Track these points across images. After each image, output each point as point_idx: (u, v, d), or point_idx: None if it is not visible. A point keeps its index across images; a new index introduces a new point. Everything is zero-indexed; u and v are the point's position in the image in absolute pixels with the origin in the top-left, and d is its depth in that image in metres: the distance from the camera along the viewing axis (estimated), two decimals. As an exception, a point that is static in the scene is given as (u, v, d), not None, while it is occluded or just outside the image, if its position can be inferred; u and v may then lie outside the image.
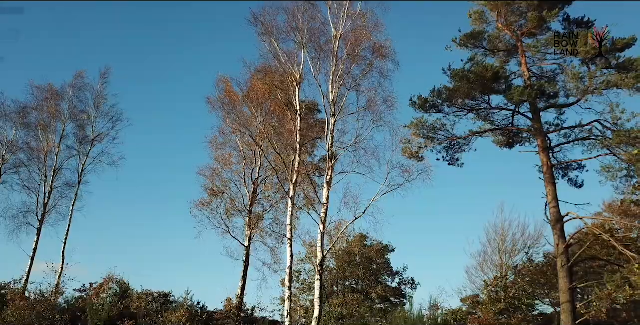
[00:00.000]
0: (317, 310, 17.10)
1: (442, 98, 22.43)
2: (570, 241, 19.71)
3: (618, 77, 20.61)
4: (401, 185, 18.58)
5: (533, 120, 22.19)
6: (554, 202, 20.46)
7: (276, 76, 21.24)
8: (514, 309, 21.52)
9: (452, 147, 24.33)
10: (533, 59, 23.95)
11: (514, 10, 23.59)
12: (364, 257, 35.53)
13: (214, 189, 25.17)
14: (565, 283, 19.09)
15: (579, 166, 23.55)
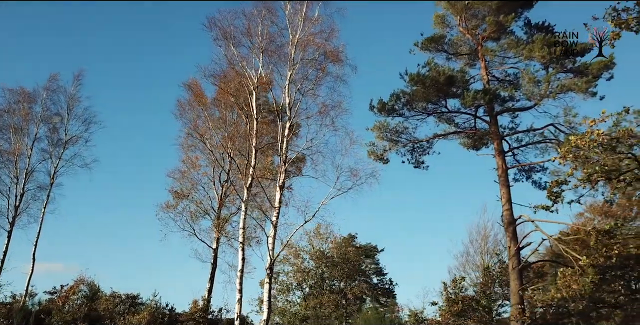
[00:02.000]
0: (265, 313, 17.34)
1: (401, 102, 22.69)
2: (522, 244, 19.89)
3: (571, 82, 20.87)
4: (350, 188, 18.73)
5: (490, 123, 22.42)
6: (507, 205, 20.68)
7: (233, 81, 21.44)
8: (472, 311, 21.69)
9: (415, 150, 24.62)
10: (494, 62, 24.23)
11: (474, 14, 23.81)
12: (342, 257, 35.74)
13: (179, 192, 25.40)
14: (515, 285, 19.29)
15: (542, 168, 23.79)
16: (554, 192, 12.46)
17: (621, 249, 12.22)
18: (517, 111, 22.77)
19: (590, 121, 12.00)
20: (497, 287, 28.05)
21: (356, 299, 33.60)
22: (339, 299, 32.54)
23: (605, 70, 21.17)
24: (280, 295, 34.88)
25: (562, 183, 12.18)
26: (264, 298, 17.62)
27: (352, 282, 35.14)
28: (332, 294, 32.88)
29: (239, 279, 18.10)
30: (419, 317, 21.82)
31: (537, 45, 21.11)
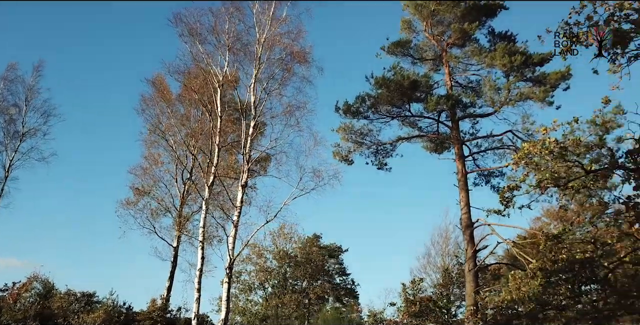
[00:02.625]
0: (223, 313, 17.27)
1: (366, 105, 22.92)
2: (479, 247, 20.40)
3: (530, 90, 21.50)
4: (313, 189, 18.86)
5: (451, 128, 22.88)
6: (466, 209, 21.16)
7: (198, 78, 21.26)
8: (429, 311, 22.09)
9: (379, 152, 24.89)
10: (457, 69, 24.75)
11: (440, 20, 24.22)
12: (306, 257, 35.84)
13: (140, 189, 25.03)
14: (470, 287, 19.77)
15: (501, 173, 24.42)
16: (506, 197, 12.85)
17: (568, 254, 12.72)
18: (478, 117, 23.31)
19: (542, 129, 12.43)
20: (455, 289, 28.70)
21: (318, 299, 33.75)
22: (301, 299, 32.65)
23: (562, 81, 21.79)
24: (242, 295, 34.75)
25: (514, 189, 12.59)
26: (223, 297, 17.55)
27: (315, 282, 35.30)
28: (295, 294, 32.97)
29: (197, 278, 17.98)
30: (378, 318, 22.10)
31: (498, 54, 21.61)
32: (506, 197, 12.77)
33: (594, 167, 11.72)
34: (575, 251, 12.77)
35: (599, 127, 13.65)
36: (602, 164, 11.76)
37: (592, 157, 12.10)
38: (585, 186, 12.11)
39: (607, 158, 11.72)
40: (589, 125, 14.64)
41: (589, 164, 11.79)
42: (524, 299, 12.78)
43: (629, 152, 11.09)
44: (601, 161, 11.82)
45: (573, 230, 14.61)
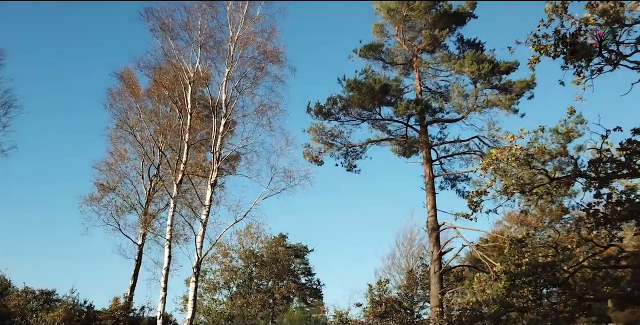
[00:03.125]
0: (190, 312, 17.10)
1: (337, 106, 23.11)
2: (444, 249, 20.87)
3: (496, 98, 22.13)
4: (284, 189, 18.87)
5: (420, 132, 23.31)
6: (432, 212, 21.59)
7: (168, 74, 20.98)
8: (394, 312, 22.41)
9: (349, 154, 25.12)
10: (427, 74, 25.23)
11: (412, 26, 24.66)
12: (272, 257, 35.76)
13: (105, 185, 24.49)
14: (435, 288, 20.22)
15: (466, 178, 25.01)
16: (474, 201, 13.21)
17: (531, 257, 13.18)
18: (446, 122, 23.79)
19: (510, 136, 12.85)
20: (419, 290, 29.27)
21: (283, 299, 33.76)
22: (266, 299, 32.58)
23: (527, 89, 22.51)
24: (207, 294, 34.40)
25: (482, 193, 12.96)
26: (190, 297, 17.36)
27: (280, 281, 35.29)
28: (260, 294, 32.86)
29: (164, 277, 17.74)
30: (344, 318, 22.27)
31: (467, 61, 22.14)
32: (474, 201, 13.13)
33: (558, 175, 12.21)
34: (538, 255, 13.26)
35: (561, 136, 14.22)
36: (565, 172, 12.26)
37: (555, 165, 12.59)
38: (549, 193, 12.59)
39: (570, 166, 12.21)
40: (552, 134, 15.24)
41: (552, 171, 12.26)
42: (488, 301, 13.18)
43: (592, 162, 11.60)
44: (564, 169, 12.33)
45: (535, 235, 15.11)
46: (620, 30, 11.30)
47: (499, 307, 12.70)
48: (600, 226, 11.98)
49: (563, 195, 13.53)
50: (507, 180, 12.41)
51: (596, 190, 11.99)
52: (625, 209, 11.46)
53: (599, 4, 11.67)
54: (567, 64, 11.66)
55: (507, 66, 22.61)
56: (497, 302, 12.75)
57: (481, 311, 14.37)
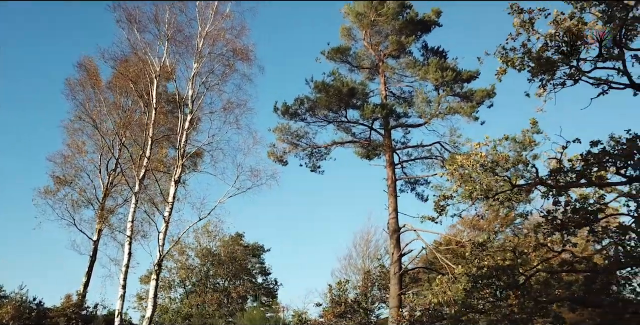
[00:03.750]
0: (149, 310, 16.82)
1: (304, 107, 23.23)
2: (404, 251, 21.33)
3: (458, 105, 22.82)
4: (249, 188, 18.85)
5: (384, 136, 23.75)
6: (394, 214, 22.05)
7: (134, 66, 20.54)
8: (353, 312, 22.78)
9: (313, 155, 25.27)
10: (392, 79, 25.74)
11: (379, 31, 25.07)
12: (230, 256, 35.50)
13: (61, 178, 23.67)
14: (395, 289, 20.66)
15: (426, 182, 25.65)
16: (441, 205, 13.65)
17: (491, 261, 13.73)
18: (410, 127, 24.34)
19: (475, 144, 13.34)
20: (375, 290, 29.75)
21: (239, 298, 33.58)
22: (222, 298, 32.29)
23: (487, 98, 23.34)
24: (161, 292, 33.84)
25: (448, 198, 13.41)
26: (150, 294, 17.07)
27: (237, 281, 35.08)
28: (216, 293, 32.56)
29: (123, 274, 17.37)
30: (303, 318, 22.43)
31: (431, 68, 22.73)
32: (441, 205, 13.56)
33: (519, 182, 12.80)
34: (497, 258, 13.82)
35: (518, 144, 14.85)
36: (526, 180, 12.85)
37: (516, 173, 13.15)
38: (510, 199, 13.16)
39: (531, 174, 12.80)
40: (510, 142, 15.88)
41: (514, 178, 12.83)
42: (449, 302, 13.64)
43: (552, 171, 12.22)
44: (525, 176, 12.91)
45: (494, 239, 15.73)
46: (581, 48, 11.95)
47: (460, 308, 13.18)
48: (557, 232, 12.63)
49: (522, 202, 14.13)
50: (470, 185, 12.88)
51: (554, 197, 12.64)
52: (580, 216, 12.14)
53: (564, 21, 12.34)
54: (533, 77, 12.22)
55: (469, 75, 23.39)
56: (458, 303, 13.23)
57: (442, 312, 14.85)
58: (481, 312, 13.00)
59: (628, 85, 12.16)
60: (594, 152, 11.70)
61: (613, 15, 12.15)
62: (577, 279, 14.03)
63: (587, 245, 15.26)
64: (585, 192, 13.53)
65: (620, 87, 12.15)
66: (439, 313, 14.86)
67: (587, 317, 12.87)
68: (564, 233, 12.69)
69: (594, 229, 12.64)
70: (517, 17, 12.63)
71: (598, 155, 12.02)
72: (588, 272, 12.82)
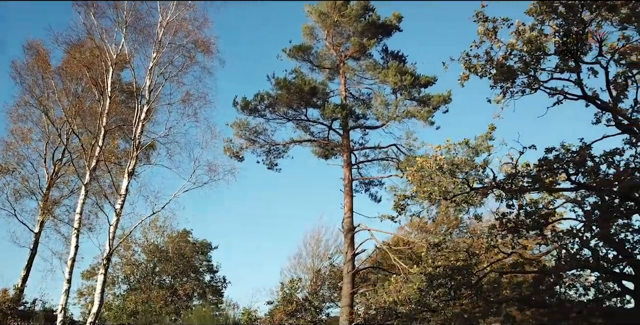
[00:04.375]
0: (96, 306, 16.17)
1: (264, 103, 23.07)
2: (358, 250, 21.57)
3: (415, 109, 23.27)
4: (206, 183, 18.50)
5: (342, 136, 23.94)
6: (349, 213, 22.26)
7: (91, 53, 19.73)
8: (304, 310, 22.79)
9: (271, 152, 25.13)
10: (352, 80, 25.99)
11: (341, 32, 25.24)
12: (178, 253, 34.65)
13: (2, 166, 22.37)
14: (347, 288, 20.85)
15: (380, 183, 26.02)
16: (401, 204, 13.91)
17: (445, 261, 14.12)
18: (368, 129, 24.64)
19: (436, 146, 13.67)
20: (325, 289, 29.90)
21: (186, 296, 32.87)
22: (168, 295, 31.48)
23: (444, 104, 23.91)
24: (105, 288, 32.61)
25: (408, 198, 13.69)
26: (97, 290, 16.44)
27: (184, 278, 34.33)
28: (162, 290, 31.70)
29: (69, 268, 16.63)
30: (253, 316, 22.23)
31: (391, 72, 23.04)
32: (401, 204, 13.82)
33: (477, 185, 13.22)
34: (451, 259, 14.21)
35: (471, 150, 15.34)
36: (483, 183, 13.29)
37: (473, 176, 13.58)
38: (466, 201, 13.58)
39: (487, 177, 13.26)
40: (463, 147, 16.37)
41: (471, 181, 13.24)
42: (404, 301, 13.90)
43: (509, 175, 12.71)
44: (482, 180, 13.35)
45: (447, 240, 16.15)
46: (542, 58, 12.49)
47: (415, 307, 13.47)
48: (510, 234, 13.14)
49: (476, 205, 14.59)
50: (430, 187, 13.19)
51: (508, 201, 13.16)
52: (532, 219, 12.69)
53: (525, 32, 12.86)
54: (495, 84, 12.65)
55: (427, 80, 23.92)
56: (413, 302, 13.52)
57: (396, 310, 15.11)
58: (434, 311, 13.33)
59: (581, 97, 12.83)
60: (548, 159, 12.24)
61: (570, 30, 12.80)
62: (526, 279, 14.64)
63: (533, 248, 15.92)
64: (535, 198, 14.17)
65: (574, 97, 12.80)
66: (393, 312, 15.10)
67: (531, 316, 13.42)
68: (515, 235, 13.21)
69: (544, 232, 13.22)
70: (482, 25, 13.05)
71: (551, 161, 12.62)
72: (537, 273, 13.40)
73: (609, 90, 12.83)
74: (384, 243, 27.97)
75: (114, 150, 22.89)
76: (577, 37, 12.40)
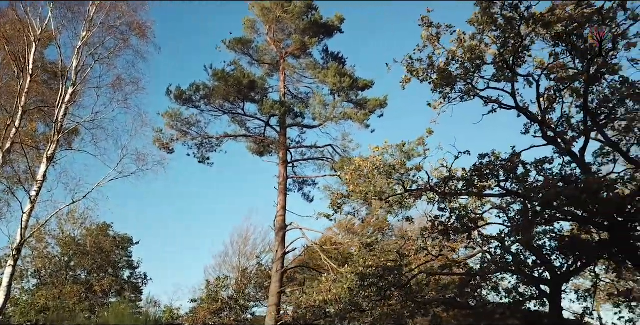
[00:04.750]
0: (1, 301, 14.76)
1: (200, 94, 22.31)
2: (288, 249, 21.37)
3: (352, 112, 23.43)
4: (133, 173, 17.44)
5: (279, 134, 23.65)
6: (282, 211, 22.00)
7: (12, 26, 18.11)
8: (229, 309, 22.25)
9: (203, 145, 24.33)
10: (292, 78, 25.78)
11: (283, 28, 24.98)
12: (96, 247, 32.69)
13: None
14: (276, 287, 20.57)
15: (313, 183, 25.96)
16: (338, 203, 13.87)
17: (377, 261, 14.21)
18: (305, 128, 24.50)
19: (374, 147, 13.74)
20: (251, 288, 29.41)
21: (102, 292, 31.08)
22: (83, 291, 29.63)
23: (380, 108, 24.25)
24: (10, 282, 30.13)
25: (346, 197, 13.66)
26: (4, 283, 15.00)
27: (101, 273, 32.50)
28: (76, 285, 29.77)
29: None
30: (175, 314, 21.36)
31: (331, 72, 23.10)
32: (339, 203, 13.77)
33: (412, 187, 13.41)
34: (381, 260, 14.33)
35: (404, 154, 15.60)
36: (417, 185, 13.50)
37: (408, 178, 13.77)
38: (400, 202, 13.76)
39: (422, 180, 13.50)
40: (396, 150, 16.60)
41: (407, 183, 13.42)
42: (334, 301, 13.81)
43: (444, 179, 12.98)
44: (417, 182, 13.57)
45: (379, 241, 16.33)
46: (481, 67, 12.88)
47: (345, 306, 13.44)
48: (440, 237, 13.44)
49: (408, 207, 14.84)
50: (365, 187, 13.22)
51: (439, 204, 13.47)
52: (462, 223, 13.04)
53: (466, 41, 13.22)
54: (436, 89, 12.89)
55: (365, 84, 24.17)
56: (344, 301, 13.47)
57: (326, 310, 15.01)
58: (363, 310, 13.37)
59: (513, 107, 13.37)
60: (482, 164, 12.62)
61: (507, 42, 13.30)
62: (454, 281, 15.05)
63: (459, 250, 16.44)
64: (464, 202, 14.61)
65: (507, 107, 13.30)
66: (322, 311, 15.02)
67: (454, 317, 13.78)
68: (445, 238, 13.52)
69: (471, 236, 13.63)
70: (426, 30, 13.28)
71: (482, 167, 13.03)
72: (463, 276, 13.80)
73: (539, 102, 13.47)
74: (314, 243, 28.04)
75: (32, 132, 21.20)
76: (514, 49, 12.91)
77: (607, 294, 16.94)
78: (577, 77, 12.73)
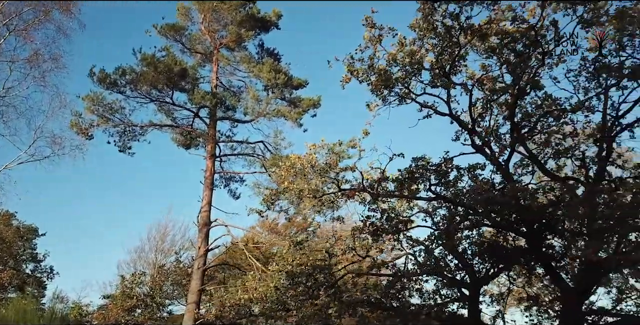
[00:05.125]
0: None
1: (125, 79, 21.07)
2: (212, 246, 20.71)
3: (286, 109, 23.20)
4: (47, 157, 16.16)
5: (209, 126, 22.92)
6: (207, 207, 21.31)
7: None
8: (145, 307, 21.22)
9: (126, 133, 23.01)
10: (225, 70, 25.10)
11: (218, 18, 24.22)
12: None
13: None
14: (196, 284, 19.85)
15: (240, 179, 25.41)
16: (272, 199, 13.59)
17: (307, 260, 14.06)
18: (237, 122, 23.91)
19: (311, 145, 13.61)
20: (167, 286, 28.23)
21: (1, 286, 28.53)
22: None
23: (313, 108, 24.16)
24: None
25: (280, 193, 13.42)
26: None
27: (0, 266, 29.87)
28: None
29: None
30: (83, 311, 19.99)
31: (266, 68, 22.67)
32: (272, 199, 13.48)
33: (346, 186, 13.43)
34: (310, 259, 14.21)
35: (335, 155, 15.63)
36: (352, 185, 13.54)
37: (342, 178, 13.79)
38: (333, 201, 13.73)
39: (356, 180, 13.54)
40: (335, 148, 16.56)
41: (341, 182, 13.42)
42: (259, 299, 13.51)
43: (377, 180, 13.08)
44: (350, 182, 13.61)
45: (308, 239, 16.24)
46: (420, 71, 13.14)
47: (272, 305, 13.18)
48: (370, 237, 13.55)
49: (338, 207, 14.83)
50: (300, 184, 13.07)
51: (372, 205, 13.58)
52: (392, 225, 13.22)
53: (408, 45, 13.43)
54: (375, 90, 12.97)
55: (299, 82, 24.00)
56: (270, 300, 13.21)
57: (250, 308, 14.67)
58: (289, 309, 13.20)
59: (447, 114, 13.75)
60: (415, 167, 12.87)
61: (445, 51, 13.67)
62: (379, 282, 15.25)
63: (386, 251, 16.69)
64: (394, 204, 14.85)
65: (441, 114, 13.66)
66: (247, 309, 14.66)
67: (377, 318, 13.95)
68: (374, 239, 13.67)
69: (399, 238, 13.88)
70: (369, 31, 13.33)
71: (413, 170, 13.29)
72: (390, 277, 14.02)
73: (470, 111, 13.92)
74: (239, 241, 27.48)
75: None
76: (451, 58, 13.30)
77: (517, 299, 18.00)
78: (506, 89, 13.29)
